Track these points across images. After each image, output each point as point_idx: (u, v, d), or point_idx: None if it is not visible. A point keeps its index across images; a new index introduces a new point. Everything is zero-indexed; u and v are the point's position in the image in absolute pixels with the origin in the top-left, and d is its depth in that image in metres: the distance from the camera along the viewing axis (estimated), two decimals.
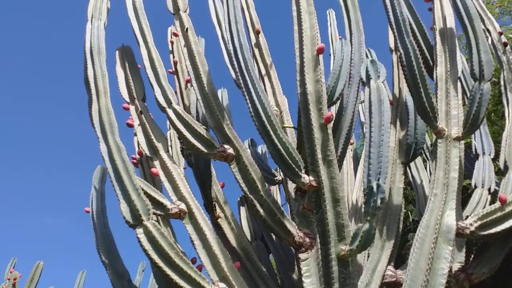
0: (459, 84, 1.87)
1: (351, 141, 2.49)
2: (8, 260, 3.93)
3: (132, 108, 1.76)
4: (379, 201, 1.26)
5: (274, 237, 2.11)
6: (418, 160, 2.31)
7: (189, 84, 2.17)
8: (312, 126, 1.41)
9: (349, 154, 2.36)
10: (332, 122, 1.50)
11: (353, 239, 1.29)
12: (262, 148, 2.96)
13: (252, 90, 1.49)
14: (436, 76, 1.82)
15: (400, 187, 1.81)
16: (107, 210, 1.78)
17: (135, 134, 1.95)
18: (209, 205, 1.93)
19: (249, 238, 2.18)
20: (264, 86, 2.04)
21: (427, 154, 2.55)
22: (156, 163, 1.69)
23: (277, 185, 2.58)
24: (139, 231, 1.36)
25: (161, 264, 1.32)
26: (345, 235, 1.34)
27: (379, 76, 1.52)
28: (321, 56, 1.52)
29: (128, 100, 1.78)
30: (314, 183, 1.41)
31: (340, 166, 1.61)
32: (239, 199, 2.46)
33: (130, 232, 1.44)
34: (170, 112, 1.71)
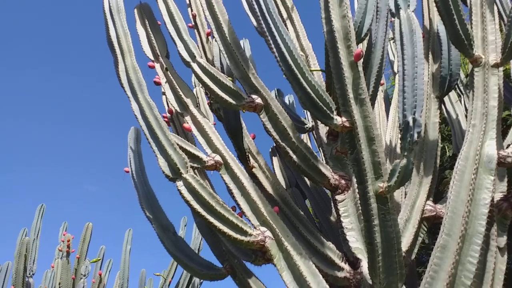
0: (495, 7, 1.75)
1: (381, 81, 2.42)
2: (60, 225, 4.21)
3: (157, 66, 1.75)
4: (415, 135, 1.23)
5: (308, 182, 2.13)
6: (453, 94, 2.23)
7: (210, 37, 2.13)
8: (342, 64, 1.36)
9: (380, 95, 2.30)
10: (362, 59, 1.45)
11: (391, 176, 1.28)
12: (289, 98, 2.94)
13: (276, 33, 1.44)
14: (470, 1, 1.70)
15: (435, 122, 1.76)
16: None
17: (163, 93, 1.97)
18: (242, 156, 1.96)
19: (283, 186, 2.21)
20: (287, 30, 1.97)
21: (461, 88, 2.45)
22: (187, 118, 1.71)
23: (306, 134, 2.57)
24: (179, 183, 1.40)
25: (203, 213, 1.37)
26: (382, 172, 1.33)
27: (409, 5, 1.43)
28: None
29: (152, 58, 1.78)
30: (347, 124, 1.39)
31: (372, 105, 1.58)
32: (270, 150, 2.48)
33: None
34: (195, 66, 1.69)
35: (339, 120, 1.40)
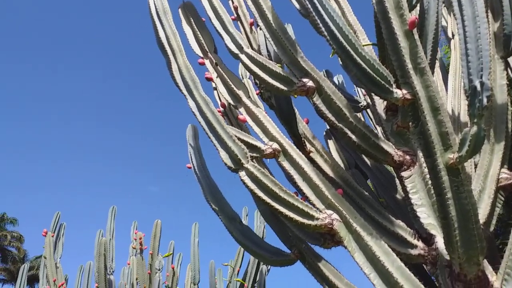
0: None
1: None
2: (130, 224, 4.47)
3: (207, 62, 1.79)
4: (485, 100, 1.16)
5: (369, 162, 2.08)
6: None
7: (253, 27, 2.13)
8: (396, 35, 1.30)
9: (436, 64, 2.18)
10: (417, 27, 1.38)
11: (461, 145, 1.21)
12: (338, 78, 2.87)
13: (323, 12, 1.41)
14: None
15: (503, 84, 1.64)
16: None
17: (215, 89, 2.00)
18: (298, 142, 1.95)
19: (343, 168, 2.17)
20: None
21: None
22: (241, 110, 1.73)
23: (360, 113, 2.50)
24: (242, 173, 1.43)
25: (268, 200, 1.39)
26: (451, 143, 1.26)
27: None
28: None
29: (201, 55, 1.81)
30: (408, 96, 1.33)
31: (432, 73, 1.50)
32: (324, 133, 2.44)
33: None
34: (243, 57, 1.70)
35: (399, 93, 1.35)
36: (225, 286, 4.12)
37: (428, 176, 1.41)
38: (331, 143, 2.37)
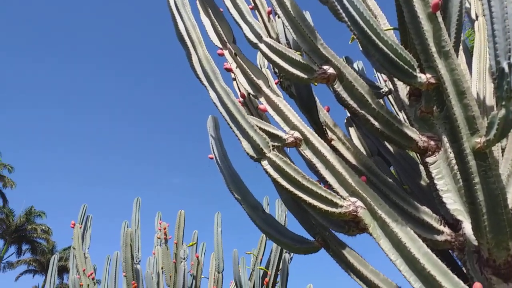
0: None
1: None
2: (154, 215, 4.56)
3: (226, 52, 1.79)
4: None
5: (391, 149, 2.05)
6: None
7: (271, 16, 2.12)
8: (419, 18, 1.27)
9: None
10: (440, 9, 1.34)
11: (489, 129, 1.18)
12: (357, 65, 2.83)
13: None
14: None
15: None
16: None
17: (234, 79, 2.01)
18: (319, 130, 1.94)
19: (365, 155, 2.15)
20: None
21: None
22: (262, 99, 1.73)
23: (382, 99, 2.46)
24: (265, 163, 1.44)
25: (291, 188, 1.39)
26: (477, 127, 1.24)
27: None
28: None
29: (220, 45, 1.81)
30: (432, 80, 1.31)
31: (456, 56, 1.46)
32: (345, 120, 2.42)
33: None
34: (262, 46, 1.70)
35: (423, 77, 1.32)
36: (249, 274, 4.18)
37: (453, 161, 1.39)
38: (352, 130, 2.34)
